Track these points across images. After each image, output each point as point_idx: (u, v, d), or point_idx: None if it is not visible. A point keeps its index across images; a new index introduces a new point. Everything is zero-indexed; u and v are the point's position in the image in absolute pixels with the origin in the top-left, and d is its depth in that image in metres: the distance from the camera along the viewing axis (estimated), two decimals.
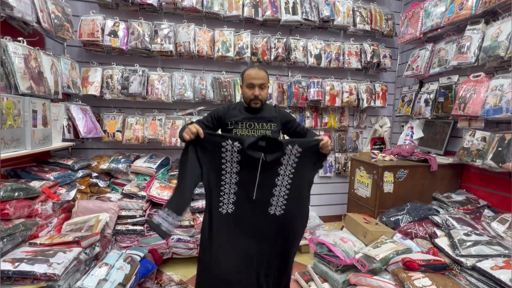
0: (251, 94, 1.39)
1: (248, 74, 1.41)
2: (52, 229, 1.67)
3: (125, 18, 2.33)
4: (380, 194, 2.13)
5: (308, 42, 2.66)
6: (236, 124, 1.42)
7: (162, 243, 2.05)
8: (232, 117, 1.44)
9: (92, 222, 1.76)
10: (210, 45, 2.42)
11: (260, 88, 1.39)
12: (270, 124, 1.43)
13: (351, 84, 2.79)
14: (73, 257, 1.35)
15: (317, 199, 3.04)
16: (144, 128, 2.37)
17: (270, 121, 1.44)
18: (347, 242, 1.80)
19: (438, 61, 2.32)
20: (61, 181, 1.80)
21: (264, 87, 1.41)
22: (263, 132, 1.41)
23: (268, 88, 1.45)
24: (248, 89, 1.41)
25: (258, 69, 1.41)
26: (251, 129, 1.41)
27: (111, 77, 2.26)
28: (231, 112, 1.45)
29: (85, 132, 2.05)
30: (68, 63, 2.03)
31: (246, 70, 1.45)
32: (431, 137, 2.49)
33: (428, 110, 2.40)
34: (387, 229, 1.86)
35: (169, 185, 2.24)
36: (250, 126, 1.42)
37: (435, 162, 2.15)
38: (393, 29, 2.87)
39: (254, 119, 1.42)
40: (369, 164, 2.24)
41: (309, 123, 2.85)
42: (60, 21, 1.90)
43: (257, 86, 1.38)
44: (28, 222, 1.42)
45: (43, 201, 1.57)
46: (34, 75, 1.60)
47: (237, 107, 1.48)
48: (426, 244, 1.70)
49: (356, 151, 3.03)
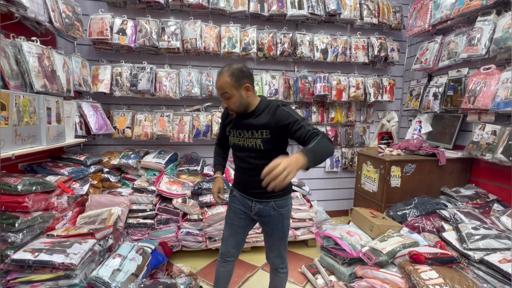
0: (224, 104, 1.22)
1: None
2: (67, 221, 1.74)
3: (133, 16, 2.37)
4: (387, 189, 2.13)
5: (314, 36, 2.65)
6: (229, 132, 1.32)
7: (172, 236, 2.10)
8: (228, 123, 1.33)
9: (105, 215, 1.83)
10: (216, 42, 2.43)
11: (225, 98, 1.18)
12: (261, 132, 1.22)
13: (358, 79, 2.77)
14: (88, 248, 1.41)
15: (323, 194, 3.05)
16: (152, 125, 2.41)
17: (261, 129, 1.21)
18: (353, 236, 1.81)
19: (447, 54, 2.29)
20: (75, 175, 1.86)
21: (229, 97, 1.17)
22: (252, 142, 1.24)
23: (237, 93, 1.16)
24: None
25: (218, 76, 1.18)
26: (241, 138, 1.27)
27: (120, 74, 2.31)
28: (228, 117, 1.34)
29: (96, 128, 2.11)
30: (79, 62, 2.08)
31: None
32: (440, 131, 2.46)
33: (437, 104, 2.37)
34: (394, 223, 1.86)
35: (177, 179, 2.29)
36: (240, 135, 1.27)
37: (443, 156, 2.13)
38: (401, 22, 2.83)
39: (244, 127, 1.25)
40: (376, 158, 2.24)
41: (316, 118, 2.85)
42: (71, 20, 1.95)
43: (221, 96, 1.20)
44: (46, 214, 1.49)
45: (58, 195, 1.63)
46: (47, 73, 1.65)
47: None
48: (433, 238, 1.71)
49: (363, 145, 3.02)
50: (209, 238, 2.15)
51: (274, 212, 1.30)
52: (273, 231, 1.34)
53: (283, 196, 1.32)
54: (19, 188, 1.34)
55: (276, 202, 1.30)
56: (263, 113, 1.23)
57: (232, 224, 1.39)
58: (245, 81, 1.17)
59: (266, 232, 1.38)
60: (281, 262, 1.41)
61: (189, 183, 2.31)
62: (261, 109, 1.23)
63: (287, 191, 1.34)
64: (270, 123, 1.20)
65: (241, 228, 1.39)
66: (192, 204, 2.16)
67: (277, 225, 1.32)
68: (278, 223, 1.32)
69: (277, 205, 1.30)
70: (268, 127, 1.20)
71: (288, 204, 1.34)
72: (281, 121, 1.18)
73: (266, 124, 1.20)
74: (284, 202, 1.32)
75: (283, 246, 1.40)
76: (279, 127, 1.19)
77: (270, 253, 1.42)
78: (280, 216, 1.32)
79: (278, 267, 1.43)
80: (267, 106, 1.23)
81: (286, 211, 1.33)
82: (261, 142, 1.22)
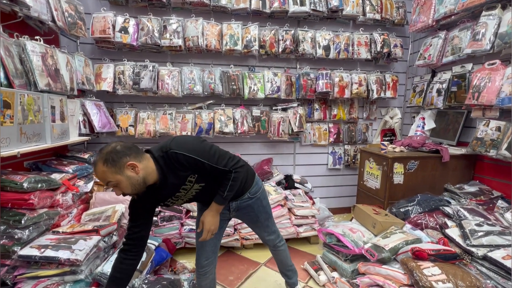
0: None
1: None
2: (72, 218, 1.76)
3: (135, 14, 2.37)
4: (390, 185, 2.12)
5: (316, 33, 2.63)
6: (167, 205, 1.20)
7: (175, 233, 2.12)
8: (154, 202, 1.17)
9: (109, 212, 1.84)
10: (218, 39, 2.43)
11: (113, 186, 1.01)
12: (188, 181, 1.10)
13: (360, 75, 2.75)
14: (93, 245, 1.43)
15: (326, 191, 3.05)
16: (155, 123, 2.43)
17: (185, 180, 1.10)
18: (356, 233, 1.82)
19: (451, 49, 2.26)
20: (79, 173, 1.88)
21: (116, 184, 0.99)
22: (192, 192, 1.16)
23: (123, 177, 0.99)
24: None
25: (94, 168, 1.01)
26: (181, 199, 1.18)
27: (123, 73, 2.32)
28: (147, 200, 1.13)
29: (100, 127, 2.13)
30: (82, 60, 2.09)
31: None
32: (443, 128, 2.44)
33: (441, 100, 2.35)
34: (396, 220, 1.86)
35: None
36: (178, 198, 1.16)
37: (447, 153, 2.12)
38: (405, 18, 2.80)
39: (172, 193, 1.13)
40: (378, 155, 2.23)
41: (318, 115, 2.84)
42: (74, 19, 1.96)
43: (110, 186, 1.02)
44: (51, 211, 1.51)
45: (63, 192, 1.65)
46: (51, 72, 1.66)
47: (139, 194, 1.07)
48: (436, 235, 1.70)
49: (366, 142, 3.01)
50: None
51: (251, 200, 1.34)
52: (258, 215, 1.38)
53: (253, 183, 1.33)
54: (24, 185, 1.36)
55: (250, 190, 1.32)
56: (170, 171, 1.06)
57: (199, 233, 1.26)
58: (125, 160, 0.98)
59: (251, 220, 1.42)
60: (276, 237, 1.50)
61: None
62: (164, 169, 1.05)
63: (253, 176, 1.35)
64: (184, 171, 1.07)
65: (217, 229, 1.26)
66: None
67: (258, 208, 1.37)
68: (259, 206, 1.37)
69: (252, 193, 1.33)
70: (187, 174, 1.08)
71: (259, 186, 1.37)
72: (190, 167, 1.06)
73: (182, 175, 1.08)
74: (256, 187, 1.35)
75: (272, 222, 1.47)
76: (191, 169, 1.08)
77: (263, 234, 1.48)
78: (258, 200, 1.36)
79: (276, 243, 1.51)
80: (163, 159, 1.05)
81: (261, 193, 1.37)
82: (197, 184, 1.13)
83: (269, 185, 2.43)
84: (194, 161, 1.04)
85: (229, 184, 1.12)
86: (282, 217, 2.28)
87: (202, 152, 1.07)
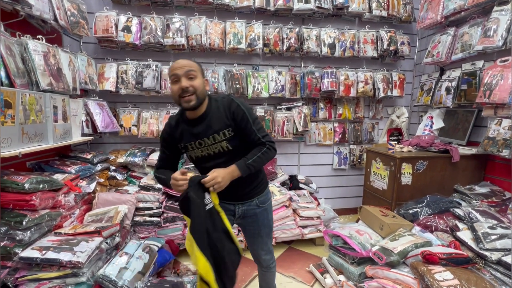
0: (178, 89, 1.04)
1: (171, 67, 1.09)
2: (75, 219, 1.75)
3: (138, 13, 2.35)
4: (397, 186, 2.07)
5: (321, 31, 2.58)
6: (186, 148, 1.15)
7: (179, 234, 2.10)
8: (179, 139, 1.16)
9: (112, 213, 1.83)
10: (221, 38, 2.40)
11: (187, 78, 1.04)
12: (222, 133, 1.10)
13: (366, 74, 2.70)
14: (95, 246, 1.41)
15: (331, 192, 3.00)
16: (158, 123, 2.41)
17: (222, 129, 1.10)
18: (363, 235, 1.77)
19: (461, 46, 2.20)
20: (82, 174, 1.87)
21: (194, 77, 1.05)
22: (218, 147, 1.11)
23: (201, 78, 1.08)
24: (173, 85, 1.07)
25: (180, 60, 1.09)
26: (203, 147, 1.12)
27: (126, 72, 2.30)
28: (175, 131, 1.16)
29: (103, 127, 2.11)
30: (84, 60, 2.08)
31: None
32: (453, 127, 2.37)
33: (450, 98, 2.28)
34: (405, 222, 1.81)
35: None
36: (201, 145, 1.12)
37: (457, 153, 2.06)
38: (412, 14, 2.73)
39: (202, 135, 1.11)
40: (386, 155, 2.18)
41: (323, 115, 2.79)
42: (76, 18, 1.94)
43: (182, 77, 1.04)
44: (53, 212, 1.49)
45: (66, 193, 1.64)
46: (53, 72, 1.65)
47: (179, 122, 1.16)
48: (447, 238, 1.65)
49: (372, 142, 2.95)
50: None
51: (259, 209, 1.28)
52: (260, 228, 1.30)
53: (263, 191, 1.30)
54: (26, 186, 1.34)
55: (260, 198, 1.27)
56: (216, 111, 1.12)
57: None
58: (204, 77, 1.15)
59: (252, 232, 1.32)
60: (270, 257, 1.41)
61: None
62: (212, 108, 1.13)
63: (265, 185, 1.31)
64: (227, 120, 1.11)
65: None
66: None
67: (263, 221, 1.30)
68: (264, 219, 1.30)
69: (260, 201, 1.28)
70: (228, 124, 1.11)
71: (269, 197, 1.34)
72: (235, 118, 1.10)
73: (224, 122, 1.10)
74: (266, 197, 1.31)
75: (270, 240, 1.40)
76: (235, 122, 1.11)
77: (259, 252, 1.37)
78: (265, 212, 1.30)
79: (269, 264, 1.41)
80: (216, 102, 1.14)
81: (269, 205, 1.32)
82: (227, 143, 1.12)
83: (274, 185, 2.39)
84: (243, 115, 1.10)
85: (257, 155, 1.11)
86: (287, 218, 2.24)
87: (252, 114, 1.14)
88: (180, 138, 1.16)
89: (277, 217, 2.20)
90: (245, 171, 1.09)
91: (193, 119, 1.13)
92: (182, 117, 1.17)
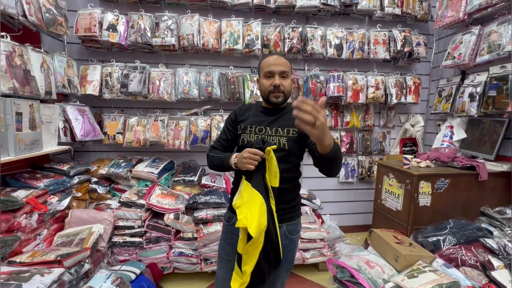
0: (270, 85, 1.08)
1: (265, 62, 1.11)
2: (41, 241, 1.53)
3: (126, 11, 2.16)
4: (414, 208, 1.78)
5: (327, 30, 2.34)
6: (244, 129, 1.12)
7: (163, 257, 1.86)
8: (244, 120, 1.15)
9: (84, 234, 1.60)
10: (216, 38, 2.18)
11: (281, 77, 1.09)
12: (287, 130, 1.09)
13: (377, 78, 2.43)
14: (51, 281, 1.18)
15: (337, 207, 2.72)
16: (145, 130, 2.19)
17: (289, 127, 1.09)
18: (374, 268, 1.49)
19: (487, 47, 1.92)
20: (53, 188, 1.66)
21: (287, 77, 1.10)
22: (275, 139, 1.09)
23: (291, 79, 1.14)
24: (266, 80, 1.10)
25: (278, 56, 1.11)
26: (261, 135, 1.10)
27: (110, 75, 2.10)
28: (244, 114, 1.17)
29: (82, 135, 1.90)
30: (63, 61, 1.89)
31: (263, 59, 1.15)
32: (477, 138, 2.08)
33: (474, 106, 2.00)
34: (424, 252, 1.52)
35: (171, 191, 2.05)
36: (261, 131, 1.10)
37: (484, 170, 1.77)
38: (429, 12, 2.47)
39: (267, 123, 1.11)
40: (400, 171, 1.90)
41: (328, 123, 2.53)
42: (53, 15, 1.75)
43: (277, 74, 1.08)
44: (8, 238, 1.28)
45: (28, 212, 1.42)
46: (18, 74, 1.45)
47: (252, 107, 1.19)
48: (477, 276, 1.36)
49: (383, 153, 2.67)
50: (204, 260, 1.90)
51: (286, 240, 1.11)
52: (283, 262, 1.10)
53: (296, 219, 1.15)
54: None
55: (288, 226, 1.11)
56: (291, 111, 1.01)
57: (229, 260, 1.12)
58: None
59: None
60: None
61: (185, 195, 2.06)
62: (289, 108, 1.13)
63: (299, 212, 1.17)
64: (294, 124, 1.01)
65: None
66: (186, 220, 1.90)
67: (287, 255, 1.12)
68: (289, 253, 1.14)
69: (289, 231, 1.12)
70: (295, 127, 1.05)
71: (299, 229, 1.19)
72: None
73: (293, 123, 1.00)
74: (296, 227, 1.15)
75: (287, 275, 1.22)
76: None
77: (274, 286, 1.18)
78: (292, 244, 1.15)
79: None
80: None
81: (297, 237, 1.17)
82: (286, 141, 1.08)
83: None
84: None
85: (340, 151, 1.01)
86: None
87: None
88: (245, 119, 1.15)
89: None
90: (335, 149, 0.90)
91: (268, 109, 1.15)
92: (257, 104, 1.20)
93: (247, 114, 1.16)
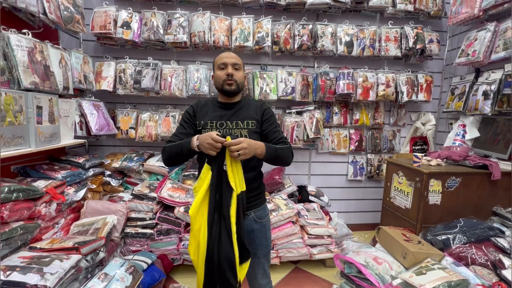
0: (224, 74, 1.16)
1: (219, 57, 1.21)
2: (59, 230, 1.60)
3: (139, 9, 2.21)
4: (424, 206, 1.77)
5: (337, 27, 2.33)
6: (205, 125, 1.17)
7: (173, 248, 1.91)
8: (202, 116, 1.19)
9: (99, 224, 1.67)
10: (227, 35, 2.21)
11: (234, 68, 1.17)
12: (247, 122, 1.17)
13: (388, 75, 2.41)
14: (70, 266, 1.24)
15: (345, 205, 2.72)
16: (157, 125, 2.24)
17: (249, 119, 1.17)
18: (382, 264, 1.49)
19: (503, 43, 1.88)
20: (70, 179, 1.73)
21: (239, 69, 1.19)
22: (237, 132, 1.16)
23: (243, 72, 1.22)
24: (219, 71, 1.18)
25: (228, 53, 1.21)
26: (222, 129, 1.16)
27: (124, 71, 2.16)
28: (201, 110, 1.22)
29: (97, 129, 1.97)
30: (80, 58, 1.95)
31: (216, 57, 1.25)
32: (491, 137, 2.04)
33: (488, 104, 1.96)
34: (433, 250, 1.52)
35: (182, 185, 2.10)
36: (222, 126, 1.16)
37: (497, 169, 1.74)
38: (442, 8, 2.42)
39: (226, 118, 1.17)
40: (410, 169, 1.89)
41: (338, 120, 2.53)
42: (70, 13, 1.82)
43: (230, 65, 1.16)
44: (29, 224, 1.35)
45: (47, 202, 1.49)
46: (39, 69, 1.52)
47: (209, 103, 1.24)
48: (487, 274, 1.34)
49: (392, 152, 2.65)
50: None
51: (256, 225, 1.21)
52: (258, 247, 1.23)
53: (262, 204, 1.25)
54: None
55: (256, 212, 1.21)
56: (249, 105, 1.22)
57: None
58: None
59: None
60: (267, 282, 1.29)
61: None
62: (246, 101, 1.24)
63: (264, 198, 1.28)
64: (256, 115, 1.20)
65: None
66: None
67: (261, 239, 1.23)
68: (262, 237, 1.23)
69: (258, 216, 1.21)
70: (255, 118, 1.19)
71: (267, 213, 1.28)
72: (264, 116, 1.21)
73: (251, 115, 1.19)
74: (263, 212, 1.25)
75: (268, 261, 1.31)
76: (262, 123, 1.21)
77: (255, 275, 1.26)
78: (263, 228, 1.24)
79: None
80: (250, 100, 1.27)
81: (267, 221, 1.27)
82: (247, 132, 1.16)
83: (280, 197, 2.16)
84: (271, 116, 1.22)
85: (282, 147, 1.16)
86: (294, 236, 1.99)
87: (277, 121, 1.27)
88: (204, 115, 1.19)
89: (283, 233, 1.97)
90: (269, 153, 1.10)
91: (225, 103, 1.21)
92: (213, 100, 1.25)
93: (205, 110, 1.21)
